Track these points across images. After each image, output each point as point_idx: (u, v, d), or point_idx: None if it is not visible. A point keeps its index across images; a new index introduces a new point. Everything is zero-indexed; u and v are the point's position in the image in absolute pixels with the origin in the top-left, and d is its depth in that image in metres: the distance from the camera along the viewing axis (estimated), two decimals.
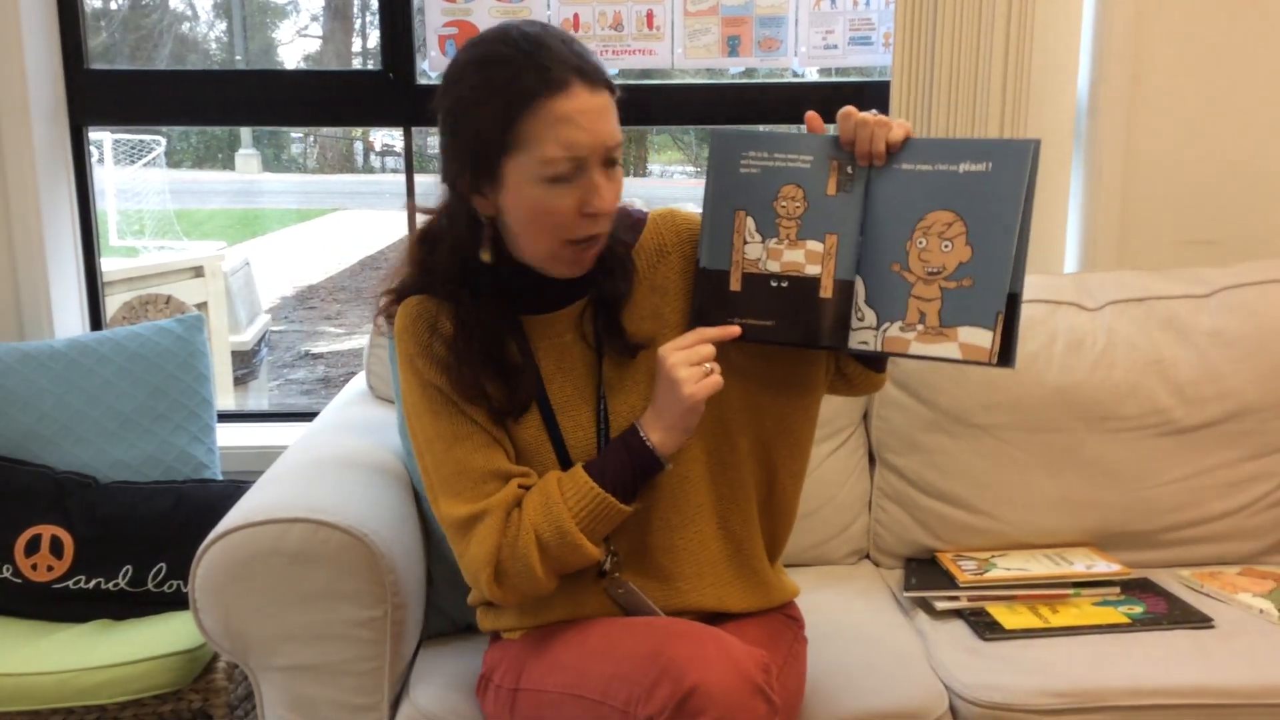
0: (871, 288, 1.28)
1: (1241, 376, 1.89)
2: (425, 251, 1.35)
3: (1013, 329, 1.22)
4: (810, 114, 1.29)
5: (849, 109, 1.26)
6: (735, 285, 1.32)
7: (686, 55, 2.27)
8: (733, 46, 2.26)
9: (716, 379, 1.26)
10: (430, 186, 1.38)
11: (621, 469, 1.28)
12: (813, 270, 1.30)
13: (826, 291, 1.29)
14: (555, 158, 1.20)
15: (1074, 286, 1.99)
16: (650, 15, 2.25)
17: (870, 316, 1.29)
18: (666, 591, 1.38)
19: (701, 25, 2.26)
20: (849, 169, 1.28)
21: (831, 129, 1.29)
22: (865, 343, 1.29)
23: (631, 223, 1.39)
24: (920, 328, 1.26)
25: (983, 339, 1.23)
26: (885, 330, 1.28)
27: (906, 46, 2.09)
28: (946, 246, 1.24)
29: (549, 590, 1.31)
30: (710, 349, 1.27)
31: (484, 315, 1.31)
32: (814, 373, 1.41)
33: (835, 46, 2.26)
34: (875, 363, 1.41)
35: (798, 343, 1.32)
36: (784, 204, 1.30)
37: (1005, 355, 1.23)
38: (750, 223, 1.31)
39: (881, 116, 1.25)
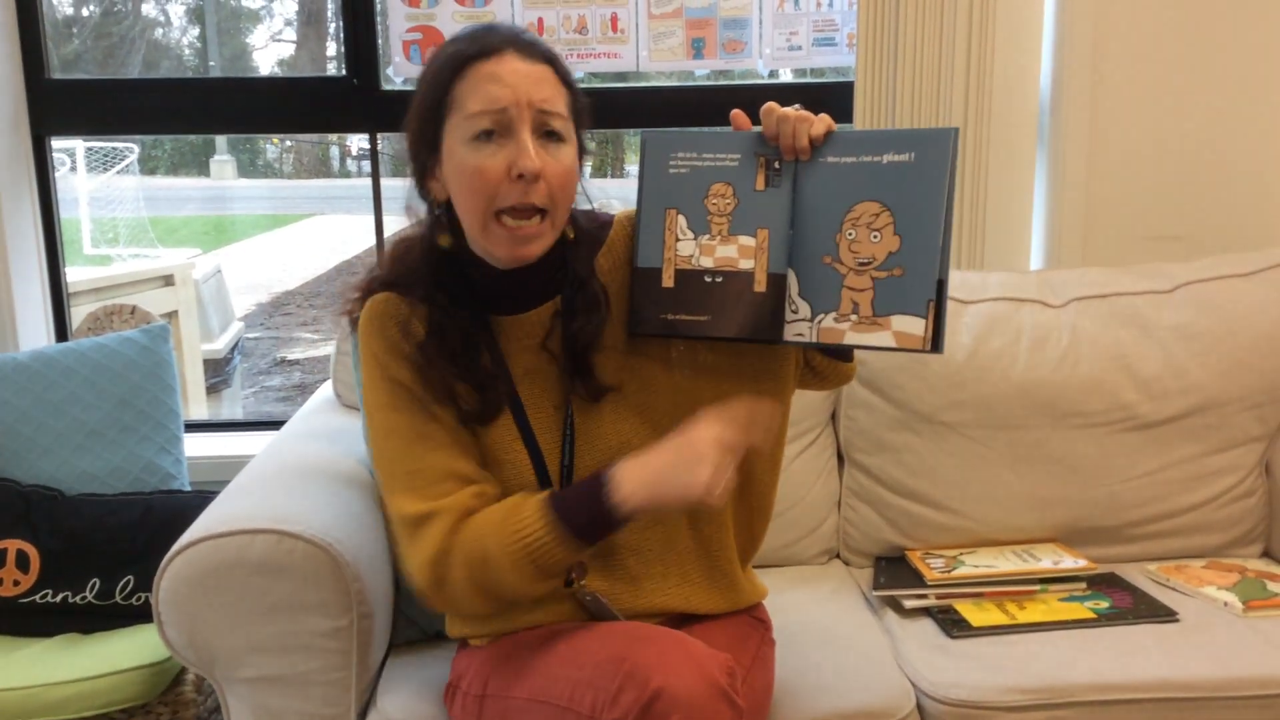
0: (804, 280, 1.29)
1: (1205, 371, 1.91)
2: (402, 251, 1.36)
3: (941, 315, 1.24)
4: (735, 112, 1.31)
5: (771, 104, 1.27)
6: (668, 282, 1.33)
7: (651, 58, 2.27)
8: (697, 49, 2.26)
9: (728, 490, 1.19)
10: (399, 191, 1.38)
11: (581, 516, 1.22)
12: (746, 265, 1.31)
13: (760, 285, 1.31)
14: (477, 112, 1.22)
15: (1038, 284, 2.00)
16: (615, 18, 2.26)
17: (804, 309, 1.30)
18: (633, 591, 1.38)
19: (666, 28, 2.26)
20: (775, 164, 1.29)
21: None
22: (801, 334, 1.30)
23: (600, 223, 1.40)
24: (854, 318, 1.27)
25: (915, 327, 1.25)
26: (820, 321, 1.29)
27: (869, 47, 2.10)
28: (875, 237, 1.25)
29: (484, 611, 1.30)
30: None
31: (458, 320, 1.31)
32: (784, 366, 1.41)
33: (799, 48, 2.26)
34: (841, 353, 1.41)
35: (732, 336, 1.33)
36: (714, 201, 1.31)
37: (936, 341, 1.24)
38: (681, 220, 1.32)
39: (803, 112, 1.27)
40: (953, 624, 1.65)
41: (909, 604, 1.73)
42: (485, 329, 1.34)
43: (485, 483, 1.31)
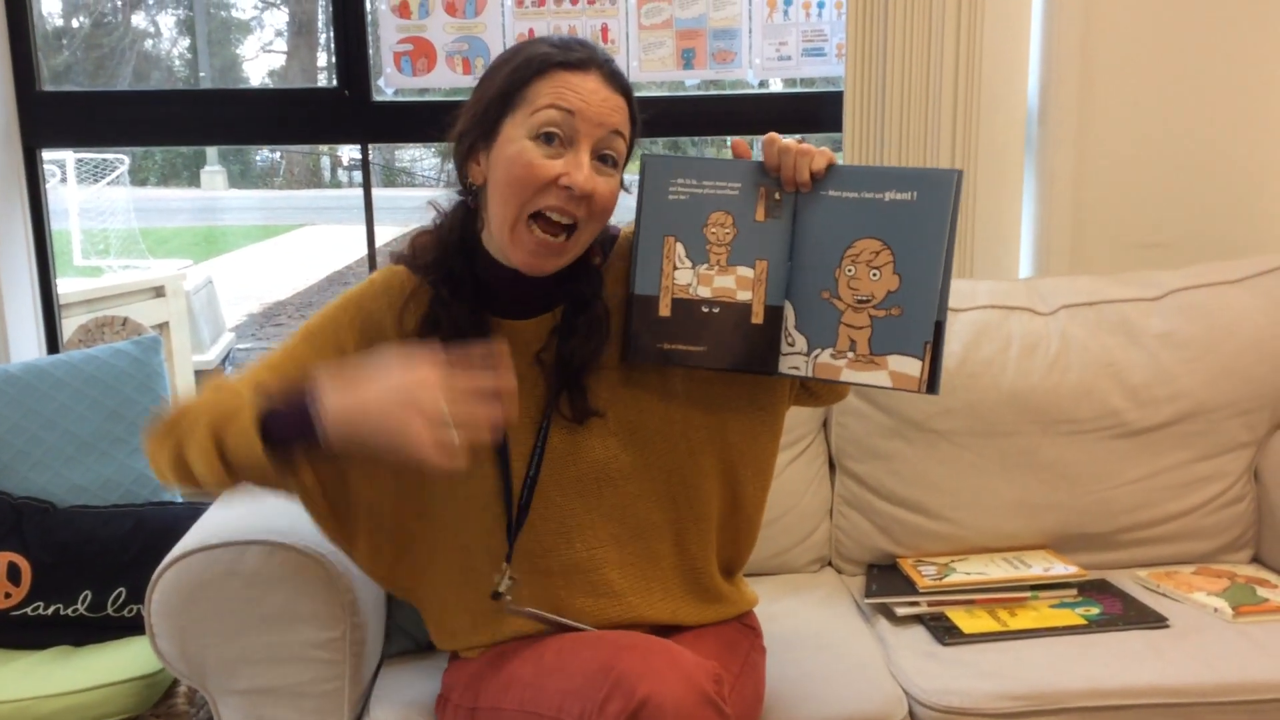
0: (801, 314, 1.30)
1: (1193, 378, 1.92)
2: (419, 239, 1.37)
3: (938, 357, 1.25)
4: (735, 140, 1.32)
5: (772, 135, 1.28)
6: (664, 310, 1.32)
7: (642, 68, 2.28)
8: (687, 59, 2.27)
9: (459, 454, 1.11)
10: (391, 200, 1.38)
11: (288, 431, 1.18)
12: (744, 296, 1.31)
13: (758, 318, 1.31)
14: (545, 106, 1.23)
15: (1027, 291, 2.01)
16: (605, 29, 2.26)
17: (801, 342, 1.30)
18: (617, 605, 1.38)
19: (656, 39, 2.27)
20: (776, 195, 1.29)
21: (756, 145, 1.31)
22: (796, 368, 1.31)
23: (606, 238, 1.40)
24: (851, 355, 1.28)
25: (912, 368, 1.26)
26: (816, 356, 1.30)
27: (858, 56, 2.11)
28: (875, 275, 1.26)
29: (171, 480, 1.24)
30: (480, 417, 1.13)
31: (454, 313, 1.32)
32: (778, 392, 1.42)
33: (789, 58, 2.28)
34: None
35: (727, 367, 1.33)
36: (714, 230, 1.31)
37: (932, 383, 1.25)
38: (680, 248, 1.31)
39: (805, 145, 1.27)
40: (944, 631, 1.66)
41: (901, 611, 1.73)
42: (482, 327, 1.35)
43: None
